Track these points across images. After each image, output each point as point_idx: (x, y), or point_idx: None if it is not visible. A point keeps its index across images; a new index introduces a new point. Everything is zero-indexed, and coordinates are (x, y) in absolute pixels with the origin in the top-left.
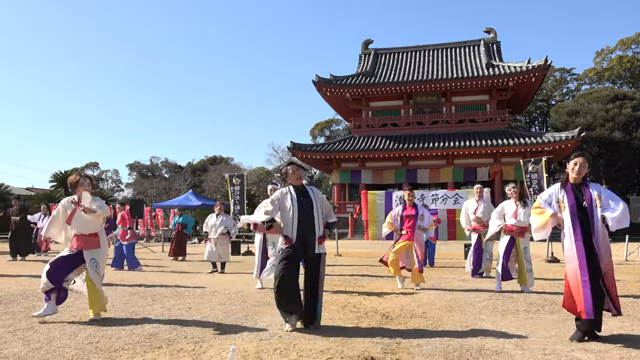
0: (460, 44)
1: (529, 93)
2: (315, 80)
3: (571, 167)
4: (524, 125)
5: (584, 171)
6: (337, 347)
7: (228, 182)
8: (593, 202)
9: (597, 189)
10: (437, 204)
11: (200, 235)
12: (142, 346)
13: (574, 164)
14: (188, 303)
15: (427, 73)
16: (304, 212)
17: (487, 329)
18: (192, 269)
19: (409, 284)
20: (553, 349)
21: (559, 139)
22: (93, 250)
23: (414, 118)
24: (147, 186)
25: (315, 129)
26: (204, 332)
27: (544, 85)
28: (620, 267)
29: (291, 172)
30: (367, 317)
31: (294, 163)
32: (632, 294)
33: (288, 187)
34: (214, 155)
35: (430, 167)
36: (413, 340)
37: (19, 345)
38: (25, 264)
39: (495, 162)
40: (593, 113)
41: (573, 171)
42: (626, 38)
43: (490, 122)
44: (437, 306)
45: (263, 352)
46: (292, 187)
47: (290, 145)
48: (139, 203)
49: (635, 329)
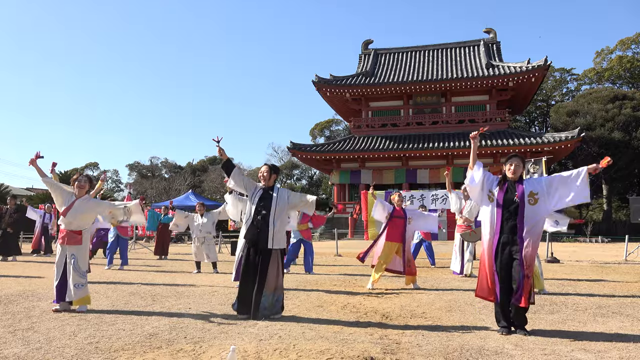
0: (460, 44)
1: (528, 93)
2: (315, 80)
3: (507, 167)
4: (524, 125)
5: (519, 171)
6: (337, 347)
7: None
8: (525, 198)
9: (532, 185)
10: (437, 204)
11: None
12: (142, 346)
13: (509, 164)
14: (188, 303)
15: (427, 73)
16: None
17: (487, 329)
18: (191, 269)
19: (404, 284)
20: (553, 349)
21: (559, 139)
22: (74, 246)
23: (414, 118)
24: (146, 186)
25: (315, 129)
26: (204, 332)
27: (543, 86)
28: (620, 267)
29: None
30: (367, 317)
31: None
32: (632, 294)
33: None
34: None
35: (430, 167)
36: (413, 340)
37: (19, 345)
38: (26, 264)
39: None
40: (593, 113)
41: (509, 171)
42: (626, 38)
43: (490, 122)
44: (437, 306)
45: (263, 352)
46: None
47: (290, 145)
48: None
49: (635, 329)
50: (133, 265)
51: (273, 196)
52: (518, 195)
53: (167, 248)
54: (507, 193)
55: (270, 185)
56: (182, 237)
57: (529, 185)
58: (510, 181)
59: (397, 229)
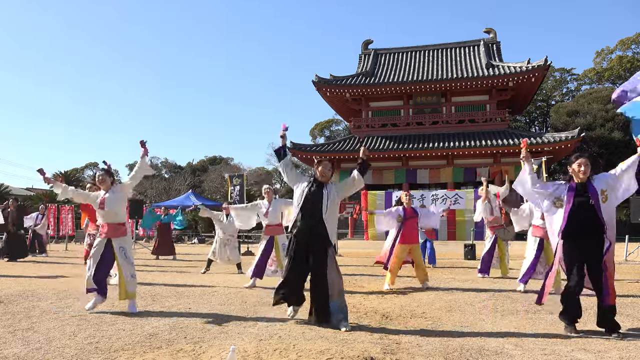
0: (460, 44)
1: (529, 93)
2: (315, 80)
3: (576, 167)
4: (524, 125)
5: (588, 171)
6: (337, 347)
7: (228, 182)
8: (599, 197)
9: (600, 183)
10: (437, 204)
11: (200, 235)
12: (142, 346)
13: (578, 165)
14: (188, 303)
15: (427, 73)
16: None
17: (487, 329)
18: (191, 269)
19: (406, 284)
20: (553, 349)
21: (559, 139)
22: (120, 238)
23: (414, 118)
24: (146, 186)
25: (315, 129)
26: (204, 332)
27: (544, 86)
28: (620, 267)
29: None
30: (367, 317)
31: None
32: (632, 294)
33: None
34: (213, 156)
35: (430, 167)
36: (413, 340)
37: (19, 346)
38: (25, 264)
39: (495, 162)
40: (593, 113)
41: (581, 172)
42: (626, 38)
43: (490, 122)
44: (437, 306)
45: (263, 352)
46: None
47: (290, 145)
48: (138, 203)
49: (635, 329)
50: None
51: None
52: (591, 196)
53: (173, 247)
54: (578, 195)
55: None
56: (182, 237)
57: (599, 183)
58: (579, 183)
59: (413, 230)
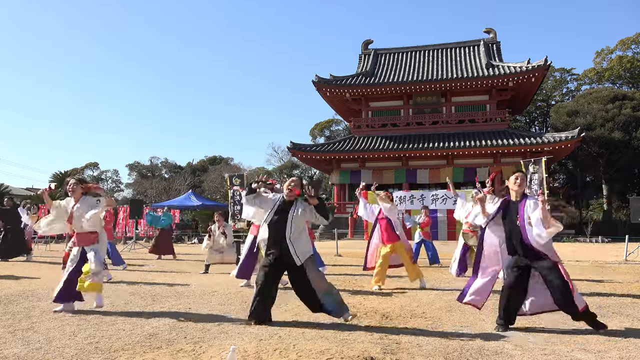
0: (460, 44)
1: (529, 93)
2: (315, 80)
3: (512, 182)
4: (524, 125)
5: (523, 187)
6: (337, 347)
7: (228, 182)
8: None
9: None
10: (437, 204)
11: (201, 235)
12: (142, 346)
13: (514, 178)
14: (188, 303)
15: (427, 73)
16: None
17: (487, 329)
18: (191, 269)
19: (407, 283)
20: (553, 349)
21: (559, 139)
22: (91, 246)
23: (414, 118)
24: (146, 186)
25: (315, 129)
26: (203, 332)
27: (544, 86)
28: (620, 267)
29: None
30: (367, 317)
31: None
32: (632, 293)
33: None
34: (213, 156)
35: (430, 167)
36: (413, 340)
37: (19, 346)
38: (26, 264)
39: (495, 162)
40: (593, 113)
41: (514, 187)
42: (626, 38)
43: (490, 122)
44: (437, 306)
45: (263, 352)
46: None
47: (290, 145)
48: (138, 203)
49: (635, 329)
50: (133, 266)
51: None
52: (520, 218)
53: (172, 248)
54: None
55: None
56: (182, 237)
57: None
58: (512, 201)
59: (388, 228)
